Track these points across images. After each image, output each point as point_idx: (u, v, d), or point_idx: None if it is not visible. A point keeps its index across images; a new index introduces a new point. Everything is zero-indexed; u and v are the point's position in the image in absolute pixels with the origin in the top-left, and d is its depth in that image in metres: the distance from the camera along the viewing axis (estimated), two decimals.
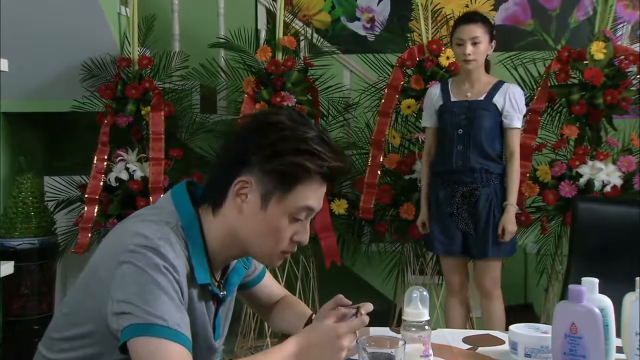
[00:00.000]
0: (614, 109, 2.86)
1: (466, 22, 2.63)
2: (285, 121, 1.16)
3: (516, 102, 2.62)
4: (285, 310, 1.47)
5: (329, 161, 1.16)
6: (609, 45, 2.88)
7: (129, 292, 1.06)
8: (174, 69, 3.29)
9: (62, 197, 3.29)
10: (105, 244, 1.17)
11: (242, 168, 1.16)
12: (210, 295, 1.22)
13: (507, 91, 2.62)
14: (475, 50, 2.60)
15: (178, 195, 1.21)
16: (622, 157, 2.83)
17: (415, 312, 1.22)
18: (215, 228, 1.20)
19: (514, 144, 2.62)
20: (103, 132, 3.09)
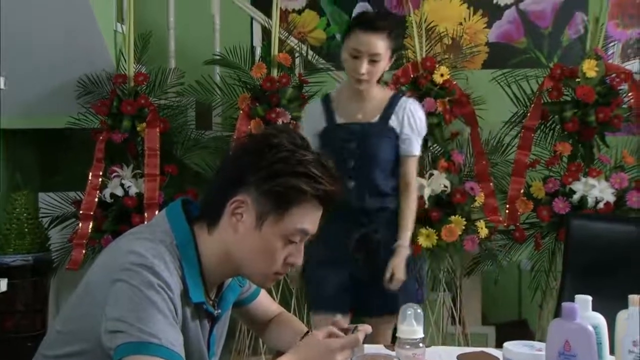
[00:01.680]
0: (606, 126, 2.89)
1: (368, 30, 2.11)
2: (285, 143, 1.17)
3: (415, 122, 2.23)
4: (281, 328, 1.47)
5: (325, 185, 1.17)
6: (601, 63, 2.91)
7: (123, 311, 1.06)
8: (170, 86, 3.30)
9: (57, 213, 3.28)
10: (100, 262, 1.18)
11: (239, 187, 1.17)
12: (204, 314, 1.22)
13: (405, 109, 2.21)
14: (373, 70, 2.13)
15: (173, 214, 1.22)
16: (615, 174, 2.85)
17: (410, 330, 1.23)
18: (211, 246, 1.21)
19: (411, 174, 2.24)
20: (98, 149, 3.10)
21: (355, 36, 2.12)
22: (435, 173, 2.87)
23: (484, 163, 3.04)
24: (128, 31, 3.14)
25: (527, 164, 2.99)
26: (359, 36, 2.11)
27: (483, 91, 3.21)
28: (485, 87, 3.21)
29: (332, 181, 1.19)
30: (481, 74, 3.58)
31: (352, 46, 2.13)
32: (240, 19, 3.75)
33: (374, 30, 2.10)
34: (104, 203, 3.05)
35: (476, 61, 3.82)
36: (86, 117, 3.23)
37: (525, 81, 3.13)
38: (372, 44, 2.10)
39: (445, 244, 2.79)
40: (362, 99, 2.23)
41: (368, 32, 2.10)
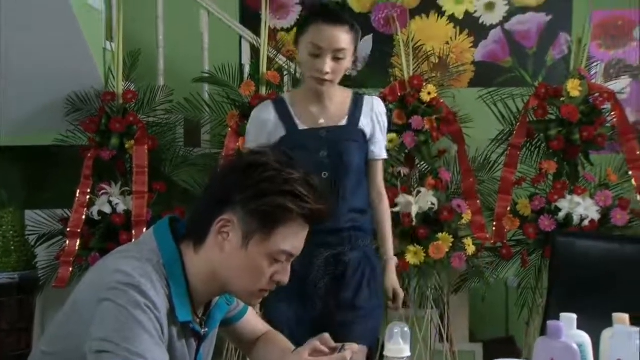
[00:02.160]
0: (590, 144, 2.93)
1: (330, 22, 1.84)
2: (271, 162, 1.18)
3: (384, 122, 2.04)
4: (268, 346, 1.47)
5: (312, 204, 1.18)
6: (584, 83, 2.96)
7: (109, 330, 1.06)
8: (159, 103, 3.30)
9: (44, 231, 3.26)
10: (87, 281, 1.18)
11: (226, 206, 1.18)
12: (191, 333, 1.22)
13: (374, 109, 2.00)
14: (337, 68, 1.87)
15: (160, 232, 1.22)
16: (599, 192, 2.88)
17: (397, 348, 1.24)
18: (197, 264, 1.21)
19: (381, 181, 2.06)
20: (86, 166, 3.09)
21: (317, 30, 1.83)
22: (423, 190, 2.89)
23: (471, 180, 3.07)
24: (117, 49, 3.15)
25: (514, 182, 3.02)
26: (321, 30, 1.82)
27: (470, 109, 3.24)
28: (471, 105, 3.24)
29: (319, 200, 1.20)
30: (468, 93, 3.62)
31: (313, 41, 1.84)
32: (229, 37, 3.78)
33: (338, 23, 1.84)
34: (91, 220, 3.04)
35: (463, 80, 3.86)
36: (74, 135, 3.23)
37: (511, 100, 3.16)
38: (337, 38, 1.82)
39: (432, 261, 2.81)
40: (323, 101, 1.96)
41: (331, 25, 1.83)
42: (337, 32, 1.84)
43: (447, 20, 3.94)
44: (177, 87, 3.44)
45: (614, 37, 3.72)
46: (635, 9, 3.68)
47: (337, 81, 1.94)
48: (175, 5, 3.83)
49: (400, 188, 3.03)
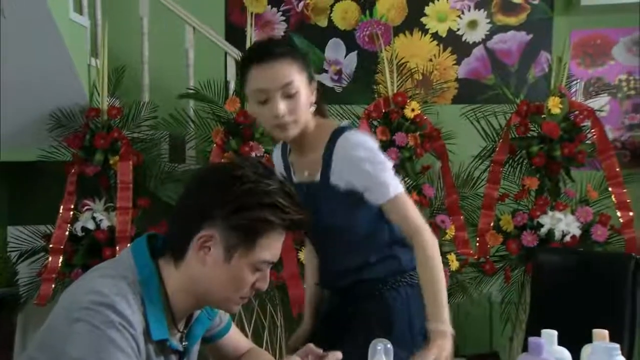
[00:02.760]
0: (571, 161, 2.97)
1: (264, 60, 1.58)
2: (249, 174, 1.19)
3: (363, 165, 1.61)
4: None
5: (291, 214, 1.19)
6: (565, 100, 3.00)
7: (83, 351, 1.06)
8: (143, 119, 3.30)
9: (26, 247, 3.23)
10: (62, 301, 1.17)
11: (205, 221, 1.19)
12: (169, 350, 1.22)
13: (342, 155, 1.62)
14: (294, 105, 1.59)
15: (138, 249, 1.23)
16: (580, 208, 2.92)
17: None
18: (177, 280, 1.21)
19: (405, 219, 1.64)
20: (70, 182, 3.07)
21: (254, 75, 1.60)
22: None
23: (454, 196, 3.10)
24: (102, 65, 3.15)
25: (497, 198, 3.05)
26: (257, 72, 1.59)
27: (453, 126, 3.28)
28: (455, 122, 3.28)
29: (298, 209, 1.22)
30: (451, 109, 3.66)
31: (255, 88, 1.60)
32: (214, 53, 3.79)
33: (272, 58, 1.58)
34: (74, 237, 3.02)
35: (446, 96, 3.90)
36: (58, 150, 3.21)
37: (493, 116, 3.20)
38: (277, 74, 1.58)
39: None
40: (302, 148, 1.70)
41: (266, 62, 1.58)
42: (275, 67, 1.58)
43: (431, 38, 3.98)
44: (162, 103, 3.45)
45: (592, 56, 3.79)
46: (613, 28, 3.75)
47: (302, 119, 1.63)
48: (160, 22, 3.84)
49: None
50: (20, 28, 2.77)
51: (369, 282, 1.68)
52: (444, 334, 1.54)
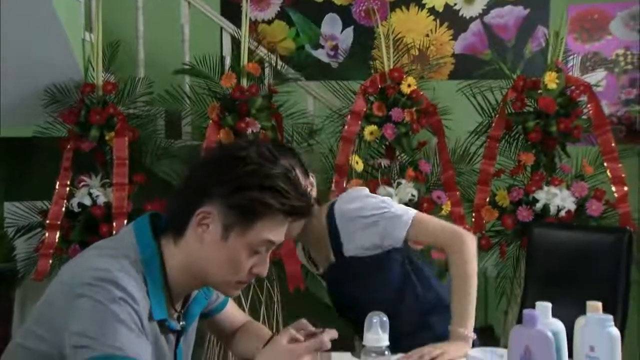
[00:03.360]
0: (567, 136, 2.98)
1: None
2: (253, 156, 1.19)
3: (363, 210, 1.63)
4: (247, 336, 1.48)
5: (292, 200, 1.19)
6: (561, 75, 3.00)
7: (86, 325, 1.06)
8: (139, 95, 3.28)
9: (23, 223, 3.23)
10: (62, 277, 1.17)
11: (205, 198, 1.18)
12: (168, 329, 1.22)
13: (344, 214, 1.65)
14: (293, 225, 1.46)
15: (140, 229, 1.22)
16: (575, 183, 2.93)
17: (375, 338, 1.25)
18: (177, 257, 1.21)
19: (437, 231, 1.63)
20: (66, 158, 3.06)
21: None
22: (403, 182, 2.91)
23: (450, 172, 3.10)
24: (96, 40, 3.12)
25: (492, 173, 3.06)
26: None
27: (449, 101, 3.27)
28: (451, 97, 3.27)
29: (299, 196, 1.21)
30: (447, 85, 3.65)
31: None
32: (209, 29, 3.76)
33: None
34: (71, 212, 3.02)
35: (443, 72, 3.89)
36: (53, 126, 3.20)
37: (489, 92, 3.19)
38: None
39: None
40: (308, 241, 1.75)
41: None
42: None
43: (427, 13, 3.96)
44: (158, 78, 3.42)
45: (589, 31, 3.78)
46: (610, 2, 3.73)
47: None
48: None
49: (380, 180, 3.06)
50: (13, 3, 2.74)
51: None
52: (464, 337, 1.54)
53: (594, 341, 1.17)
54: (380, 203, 1.64)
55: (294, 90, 3.39)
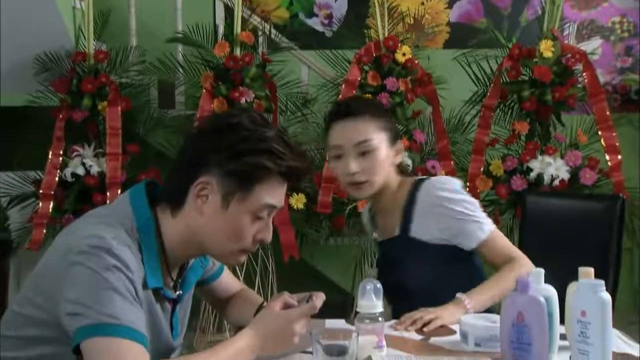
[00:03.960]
0: (562, 105, 2.97)
1: (341, 118, 1.62)
2: (245, 122, 1.18)
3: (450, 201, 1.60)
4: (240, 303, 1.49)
5: (289, 161, 1.18)
6: (557, 43, 2.99)
7: (80, 293, 1.06)
8: (131, 64, 3.25)
9: (16, 193, 3.23)
10: (57, 245, 1.17)
11: (202, 169, 1.18)
12: (163, 298, 1.23)
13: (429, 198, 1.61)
14: (369, 164, 1.60)
15: (136, 197, 1.22)
16: (569, 152, 2.94)
17: (369, 304, 1.26)
18: (175, 229, 1.21)
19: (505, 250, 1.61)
20: (58, 127, 3.05)
21: (331, 131, 1.64)
22: None
23: (445, 142, 3.10)
24: (87, 7, 3.07)
25: (487, 143, 3.06)
26: (334, 129, 1.63)
27: (444, 70, 3.25)
28: (446, 66, 3.25)
29: (295, 156, 1.20)
30: (442, 54, 3.62)
31: (332, 143, 1.63)
32: None
33: (350, 115, 1.61)
34: (64, 182, 3.02)
35: (438, 41, 3.86)
36: (45, 95, 3.17)
37: (485, 61, 3.18)
38: (353, 131, 1.60)
39: None
40: (382, 205, 1.69)
41: (343, 120, 1.61)
42: (351, 124, 1.60)
43: None
44: (150, 47, 3.39)
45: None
46: None
47: (377, 179, 1.61)
48: None
49: None
50: None
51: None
52: (460, 304, 1.50)
53: (585, 306, 1.17)
54: (470, 205, 1.61)
55: (288, 59, 3.36)
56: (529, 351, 1.19)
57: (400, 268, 1.63)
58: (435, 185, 1.63)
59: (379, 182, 1.62)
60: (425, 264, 1.62)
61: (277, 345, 1.20)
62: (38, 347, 1.13)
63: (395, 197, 1.66)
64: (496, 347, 1.27)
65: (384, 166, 1.62)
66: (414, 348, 1.33)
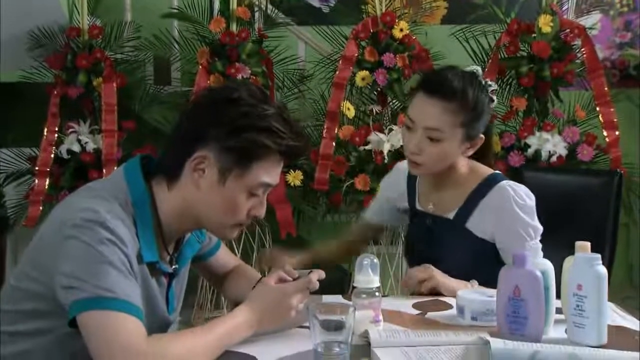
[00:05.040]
0: (560, 81, 2.96)
1: (427, 94, 1.54)
2: (246, 97, 1.17)
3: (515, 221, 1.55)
4: (237, 279, 1.49)
5: (288, 140, 1.18)
6: (556, 18, 2.96)
7: (76, 267, 1.06)
8: (126, 40, 3.22)
9: (11, 170, 3.22)
10: (52, 218, 1.17)
11: (200, 143, 1.17)
12: (160, 271, 1.23)
13: (496, 205, 1.57)
14: (431, 150, 1.55)
15: (130, 171, 1.21)
16: (567, 128, 2.93)
17: (366, 279, 1.26)
18: (170, 202, 1.21)
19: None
20: (53, 103, 3.03)
21: (414, 100, 1.58)
22: (395, 128, 2.90)
23: None
24: None
25: None
26: (417, 101, 1.56)
27: (442, 46, 3.23)
28: (444, 42, 3.23)
29: (294, 135, 1.19)
30: (440, 29, 3.59)
31: (408, 112, 1.59)
32: None
33: (436, 95, 1.52)
34: (60, 159, 3.01)
35: (435, 16, 3.83)
36: (39, 71, 3.15)
37: (483, 36, 3.16)
38: (428, 114, 1.53)
39: None
40: (441, 182, 1.64)
41: (427, 97, 1.53)
42: (430, 106, 1.52)
43: None
44: (145, 23, 3.36)
45: None
46: None
47: (435, 168, 1.59)
48: None
49: (372, 126, 3.04)
50: None
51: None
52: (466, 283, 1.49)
53: (581, 279, 1.18)
54: (534, 232, 1.55)
55: (284, 35, 3.33)
56: (525, 325, 1.20)
57: (440, 250, 1.61)
58: (514, 192, 1.57)
59: (436, 169, 1.60)
60: (468, 255, 1.60)
61: (273, 320, 1.20)
62: (36, 321, 1.13)
63: (461, 179, 1.63)
64: (492, 321, 1.27)
65: (448, 158, 1.58)
66: (410, 322, 1.34)
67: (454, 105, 1.52)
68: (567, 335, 1.23)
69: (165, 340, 1.09)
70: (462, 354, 1.13)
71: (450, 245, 1.61)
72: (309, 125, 3.27)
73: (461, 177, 1.63)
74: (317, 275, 1.25)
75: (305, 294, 1.23)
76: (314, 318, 1.08)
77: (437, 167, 1.59)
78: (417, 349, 1.15)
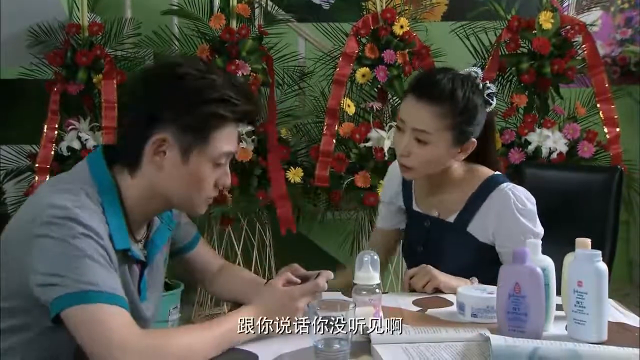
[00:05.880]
0: (561, 78, 2.96)
1: (416, 96, 1.54)
2: (192, 72, 1.16)
3: (516, 225, 1.55)
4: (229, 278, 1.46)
5: (241, 105, 1.18)
6: (556, 15, 2.96)
7: (51, 264, 1.04)
8: (126, 36, 3.22)
9: (11, 167, 3.21)
10: (19, 217, 1.15)
11: (155, 126, 1.16)
12: (132, 259, 1.21)
13: (497, 208, 1.56)
14: (419, 152, 1.54)
15: (94, 161, 1.20)
16: (568, 125, 2.93)
17: (366, 276, 1.26)
18: (135, 188, 1.19)
19: None
20: (53, 100, 3.02)
21: (405, 100, 1.57)
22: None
23: None
24: None
25: None
26: (407, 101, 1.56)
27: (442, 43, 3.22)
28: (444, 39, 3.22)
29: (246, 100, 1.19)
30: (441, 26, 3.59)
31: (399, 113, 1.59)
32: None
33: (424, 98, 1.52)
34: (60, 156, 3.00)
35: (436, 13, 3.82)
36: (39, 68, 3.14)
37: (483, 33, 3.15)
38: (416, 116, 1.52)
39: None
40: (437, 184, 1.64)
41: (416, 99, 1.53)
42: (418, 108, 1.52)
43: None
44: (145, 19, 3.35)
45: None
46: None
47: (425, 171, 1.58)
48: None
49: (372, 123, 3.04)
50: None
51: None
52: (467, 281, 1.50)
53: (582, 276, 1.18)
54: (534, 237, 1.49)
55: (284, 32, 3.33)
56: (525, 321, 1.20)
57: (441, 253, 1.61)
58: (516, 195, 1.56)
59: (426, 172, 1.59)
60: (469, 258, 1.60)
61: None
62: (12, 319, 1.12)
63: (458, 182, 1.62)
64: (493, 318, 1.27)
65: (437, 161, 1.56)
66: (410, 319, 1.34)
67: (442, 108, 1.51)
68: (568, 332, 1.22)
69: (163, 335, 1.08)
70: (462, 350, 1.13)
71: (450, 248, 1.61)
72: (309, 123, 3.26)
73: (458, 179, 1.63)
74: (325, 277, 1.24)
75: (313, 297, 1.23)
76: (314, 315, 1.07)
77: (426, 170, 1.58)
78: (418, 346, 1.15)
